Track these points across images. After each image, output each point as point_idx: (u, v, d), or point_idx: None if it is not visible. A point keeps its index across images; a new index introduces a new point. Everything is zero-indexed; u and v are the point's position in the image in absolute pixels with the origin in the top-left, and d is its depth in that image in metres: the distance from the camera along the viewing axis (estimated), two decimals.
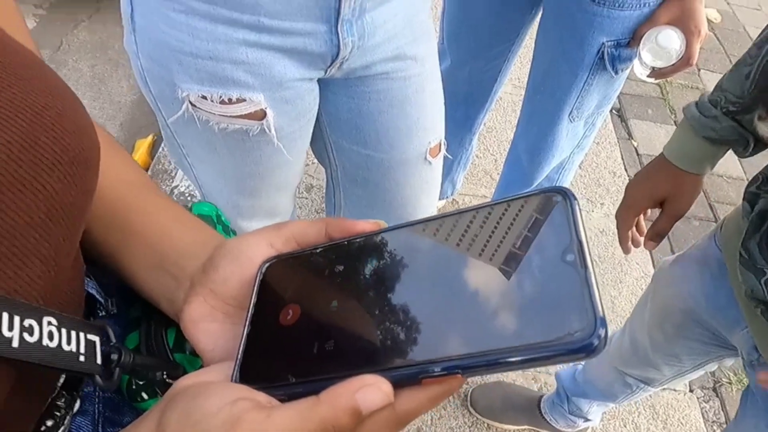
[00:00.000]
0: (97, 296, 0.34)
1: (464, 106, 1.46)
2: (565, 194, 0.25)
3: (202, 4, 0.65)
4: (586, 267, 0.23)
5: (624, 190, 0.90)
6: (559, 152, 1.36)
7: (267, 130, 0.76)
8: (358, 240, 0.29)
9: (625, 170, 2.15)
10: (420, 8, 0.81)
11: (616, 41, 1.09)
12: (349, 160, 0.93)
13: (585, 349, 0.21)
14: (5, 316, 0.22)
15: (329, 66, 0.76)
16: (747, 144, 0.73)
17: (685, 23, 1.02)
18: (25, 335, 0.23)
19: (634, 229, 0.90)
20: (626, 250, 0.90)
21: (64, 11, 2.51)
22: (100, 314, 0.35)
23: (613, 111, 2.41)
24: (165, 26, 0.67)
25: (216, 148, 0.79)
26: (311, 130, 0.87)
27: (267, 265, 0.31)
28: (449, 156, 1.09)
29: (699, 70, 2.71)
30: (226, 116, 0.73)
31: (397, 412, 0.24)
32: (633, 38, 1.08)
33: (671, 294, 0.85)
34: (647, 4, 1.04)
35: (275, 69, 0.72)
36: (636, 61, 1.12)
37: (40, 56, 0.30)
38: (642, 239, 0.90)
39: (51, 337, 0.24)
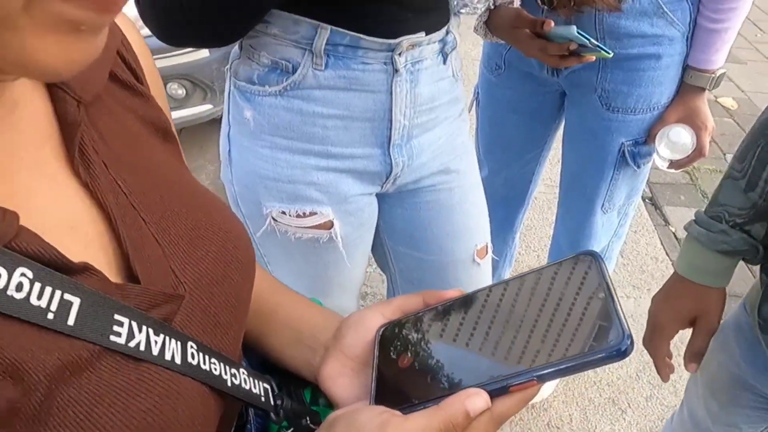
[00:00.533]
0: None
1: (504, 208, 1.58)
2: (593, 254, 0.37)
3: (283, 140, 0.82)
4: (613, 300, 0.34)
5: (648, 314, 0.88)
6: (597, 242, 1.44)
7: (334, 238, 0.89)
8: (446, 303, 0.41)
9: (667, 255, 2.20)
10: (460, 132, 0.96)
11: (634, 140, 1.22)
12: (404, 263, 1.05)
13: (619, 353, 0.32)
14: (221, 365, 0.34)
15: (384, 182, 0.90)
16: (757, 253, 0.76)
17: (692, 120, 1.15)
18: (233, 379, 0.35)
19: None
20: (665, 378, 0.87)
21: None
22: None
23: (646, 200, 2.50)
24: (254, 159, 0.84)
25: (293, 255, 0.92)
26: (371, 238, 1.00)
27: (382, 329, 0.42)
28: (495, 257, 1.20)
29: (724, 154, 2.81)
30: (301, 227, 0.88)
31: (493, 414, 0.34)
32: (648, 137, 1.21)
33: (716, 363, 0.89)
34: (656, 107, 1.18)
35: (340, 187, 0.86)
36: (655, 156, 1.24)
37: None
38: (673, 364, 0.87)
39: (245, 382, 0.36)
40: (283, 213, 0.86)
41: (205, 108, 2.31)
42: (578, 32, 0.95)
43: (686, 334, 0.85)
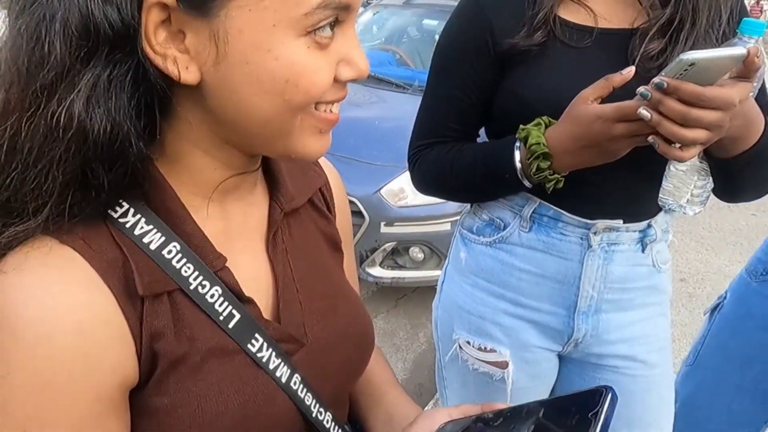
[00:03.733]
0: None
1: None
2: (606, 387, 0.49)
3: (483, 282, 1.00)
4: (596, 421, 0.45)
5: None
6: None
7: (506, 378, 1.00)
8: (493, 411, 0.55)
9: None
10: (657, 324, 1.01)
11: None
12: None
13: None
14: (314, 400, 0.53)
15: (566, 343, 0.99)
16: None
17: None
18: (318, 414, 0.53)
19: None
20: None
21: (370, 306, 3.29)
22: None
23: None
24: (458, 291, 1.03)
25: (467, 384, 1.05)
26: (546, 394, 1.06)
27: (442, 424, 0.57)
28: None
29: None
30: (480, 360, 1.01)
31: None
32: None
33: None
34: None
35: (522, 335, 0.99)
36: None
37: None
38: None
39: (328, 422, 0.54)
40: (468, 343, 1.02)
41: (437, 273, 2.65)
42: None
43: None
